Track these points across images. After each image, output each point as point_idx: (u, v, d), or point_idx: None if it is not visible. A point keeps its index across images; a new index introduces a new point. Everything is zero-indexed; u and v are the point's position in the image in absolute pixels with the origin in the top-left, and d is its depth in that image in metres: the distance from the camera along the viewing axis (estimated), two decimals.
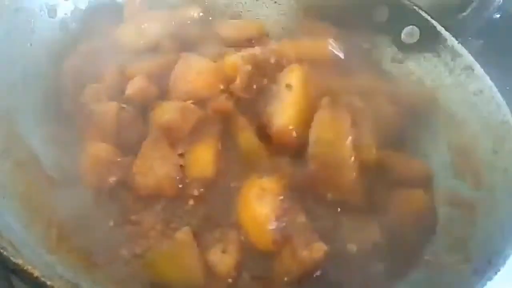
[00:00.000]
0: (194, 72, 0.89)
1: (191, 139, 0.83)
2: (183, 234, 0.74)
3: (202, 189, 0.80)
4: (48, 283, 0.59)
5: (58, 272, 0.65)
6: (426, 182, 0.89)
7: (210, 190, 0.81)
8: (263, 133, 0.86)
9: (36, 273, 0.60)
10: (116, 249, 0.74)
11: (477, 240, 0.78)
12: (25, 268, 0.60)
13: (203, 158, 0.82)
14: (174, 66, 0.90)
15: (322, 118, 0.83)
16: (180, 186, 0.80)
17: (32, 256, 0.64)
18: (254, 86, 0.87)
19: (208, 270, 0.72)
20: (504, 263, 0.70)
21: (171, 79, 0.89)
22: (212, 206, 0.79)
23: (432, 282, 0.76)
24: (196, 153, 0.82)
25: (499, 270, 0.69)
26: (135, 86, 0.88)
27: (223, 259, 0.73)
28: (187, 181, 0.80)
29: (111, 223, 0.77)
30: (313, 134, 0.82)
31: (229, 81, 0.88)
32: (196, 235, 0.74)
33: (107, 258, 0.73)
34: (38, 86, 0.91)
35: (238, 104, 0.87)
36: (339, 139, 0.81)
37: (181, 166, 0.81)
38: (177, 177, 0.80)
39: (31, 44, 0.92)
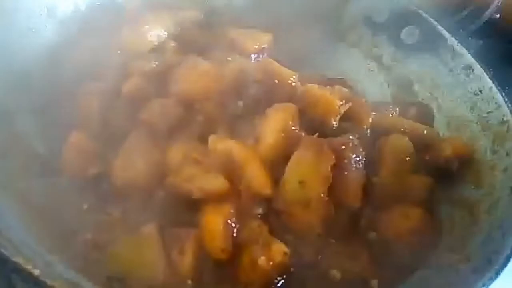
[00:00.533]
0: (195, 74, 0.88)
1: (171, 138, 0.83)
2: (148, 229, 0.73)
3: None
4: (48, 282, 0.59)
5: (58, 272, 0.64)
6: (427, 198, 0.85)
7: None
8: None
9: (36, 272, 0.59)
10: (82, 232, 0.74)
11: (477, 239, 0.78)
12: (25, 267, 0.60)
13: (173, 159, 0.81)
14: (175, 67, 0.89)
15: (300, 157, 0.77)
16: (156, 182, 0.79)
17: (32, 256, 0.64)
18: (240, 102, 0.85)
19: (170, 268, 0.71)
20: (505, 263, 0.69)
21: (172, 79, 0.89)
22: (181, 206, 0.78)
23: (432, 282, 0.76)
24: (170, 153, 0.81)
25: (500, 271, 0.69)
26: (131, 85, 0.88)
27: (180, 259, 0.72)
28: (161, 178, 0.79)
29: (85, 207, 0.77)
30: (288, 175, 0.77)
31: (226, 88, 0.86)
32: (162, 232, 0.74)
33: (71, 240, 0.73)
34: (38, 85, 0.91)
35: (226, 112, 0.85)
36: (314, 182, 0.76)
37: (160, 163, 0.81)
38: (154, 173, 0.80)
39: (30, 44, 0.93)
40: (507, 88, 0.93)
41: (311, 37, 1.07)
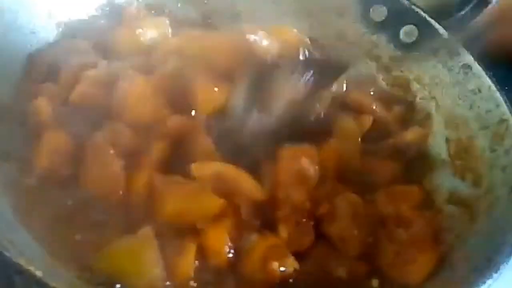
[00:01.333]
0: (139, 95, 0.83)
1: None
2: (145, 231, 0.71)
3: None
4: (51, 284, 0.59)
5: (61, 273, 0.65)
6: None
7: None
8: None
9: (39, 273, 0.59)
10: (70, 232, 0.73)
11: (476, 238, 0.79)
12: (27, 268, 0.60)
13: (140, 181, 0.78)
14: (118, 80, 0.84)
15: None
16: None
17: (35, 257, 0.64)
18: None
19: (168, 270, 0.69)
20: (504, 262, 0.70)
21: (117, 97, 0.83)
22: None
23: (431, 281, 0.76)
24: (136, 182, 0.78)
25: (500, 269, 0.69)
26: (78, 92, 0.84)
27: (180, 261, 0.71)
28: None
29: (69, 202, 0.76)
30: None
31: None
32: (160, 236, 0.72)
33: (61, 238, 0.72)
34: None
35: None
36: None
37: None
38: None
39: (31, 45, 0.93)
40: (506, 87, 0.93)
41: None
